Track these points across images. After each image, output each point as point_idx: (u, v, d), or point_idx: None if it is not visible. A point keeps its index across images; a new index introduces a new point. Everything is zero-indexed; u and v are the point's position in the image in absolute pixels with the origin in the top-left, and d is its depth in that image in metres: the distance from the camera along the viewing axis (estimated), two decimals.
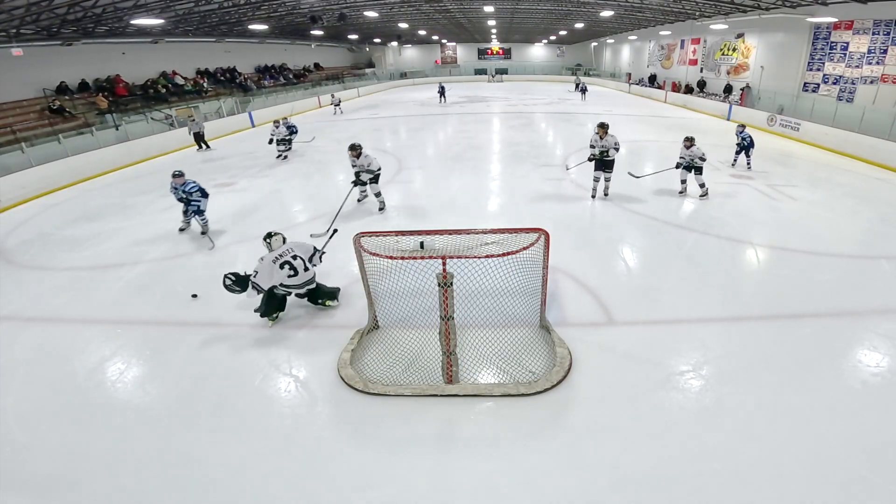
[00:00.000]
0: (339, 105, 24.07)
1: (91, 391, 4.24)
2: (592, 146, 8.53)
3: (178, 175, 7.52)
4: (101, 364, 4.60)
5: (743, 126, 11.26)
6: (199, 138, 15.28)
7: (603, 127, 8.37)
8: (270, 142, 13.25)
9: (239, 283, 5.00)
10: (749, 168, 11.26)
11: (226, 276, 5.04)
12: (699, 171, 8.87)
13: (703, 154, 8.83)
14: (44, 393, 4.22)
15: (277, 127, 13.15)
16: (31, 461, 3.48)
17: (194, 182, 7.60)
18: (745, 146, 11.17)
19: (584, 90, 27.27)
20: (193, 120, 15.28)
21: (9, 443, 3.65)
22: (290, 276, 4.97)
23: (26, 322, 5.41)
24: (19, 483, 3.32)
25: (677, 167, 9.15)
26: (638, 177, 9.82)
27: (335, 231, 6.29)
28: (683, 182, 9.25)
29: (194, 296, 5.72)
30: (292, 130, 13.82)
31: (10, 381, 4.39)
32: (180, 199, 7.61)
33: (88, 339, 5.04)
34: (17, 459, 3.50)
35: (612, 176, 8.81)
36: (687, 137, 9.05)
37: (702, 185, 9.00)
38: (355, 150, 8.26)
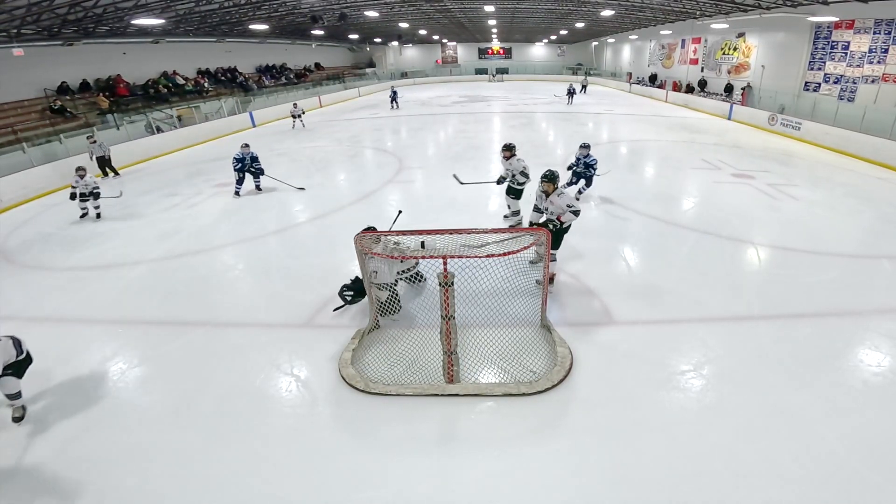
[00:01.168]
0: (300, 117, 18.93)
1: (92, 391, 4.24)
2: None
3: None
4: (102, 364, 4.60)
5: (587, 146, 8.28)
6: (105, 163, 12.14)
7: (508, 148, 6.86)
8: (73, 197, 8.65)
9: (361, 292, 4.98)
10: (578, 198, 8.44)
11: (343, 295, 5.04)
12: (517, 194, 7.06)
13: (525, 169, 6.76)
14: (45, 393, 4.22)
15: (82, 177, 8.62)
16: (33, 461, 3.49)
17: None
18: (586, 174, 8.31)
19: (571, 93, 24.89)
20: (94, 141, 11.95)
21: (11, 443, 3.66)
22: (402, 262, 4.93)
23: (28, 322, 5.41)
24: (21, 483, 3.33)
25: (499, 183, 7.38)
26: (462, 182, 8.06)
27: (399, 212, 6.45)
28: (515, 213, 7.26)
29: None
30: (253, 165, 9.89)
31: None
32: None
33: (90, 339, 5.04)
34: (19, 459, 3.51)
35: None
36: (505, 146, 6.91)
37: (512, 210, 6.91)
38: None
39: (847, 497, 3.04)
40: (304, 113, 19.43)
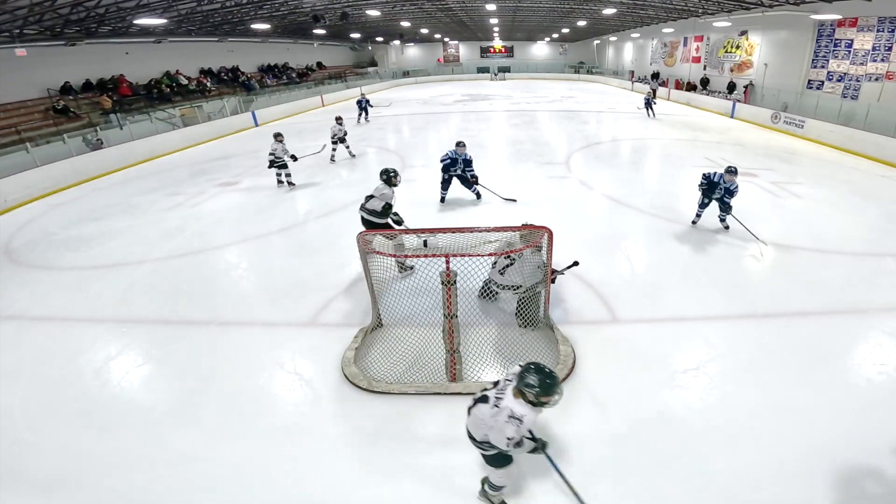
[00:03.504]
0: (343, 141, 12.63)
1: (97, 390, 4.27)
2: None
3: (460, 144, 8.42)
4: (106, 363, 4.62)
5: (734, 172, 6.86)
6: None
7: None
8: None
9: None
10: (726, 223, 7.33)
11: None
12: None
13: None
14: (50, 392, 4.25)
15: None
16: (37, 460, 3.51)
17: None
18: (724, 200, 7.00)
19: (650, 103, 18.95)
20: None
21: (16, 442, 3.68)
22: None
23: (32, 321, 5.44)
24: (26, 482, 3.35)
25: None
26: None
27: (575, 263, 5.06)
28: None
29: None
30: (465, 170, 8.56)
31: (16, 380, 4.42)
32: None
33: (94, 338, 5.06)
34: (24, 458, 3.53)
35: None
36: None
37: None
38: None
39: (850, 496, 3.04)
40: (346, 134, 12.74)
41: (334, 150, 12.69)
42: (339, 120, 12.81)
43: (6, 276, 6.62)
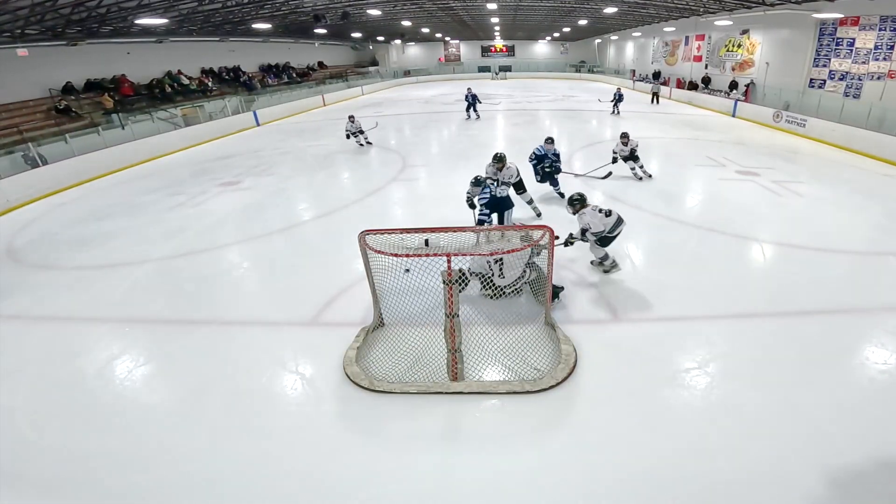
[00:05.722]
0: (357, 132, 14.05)
1: (99, 390, 4.28)
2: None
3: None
4: (108, 363, 4.63)
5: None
6: None
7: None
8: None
9: None
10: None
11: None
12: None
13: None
14: (52, 392, 4.25)
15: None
16: (40, 460, 3.52)
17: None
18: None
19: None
20: None
21: (18, 441, 3.69)
22: None
23: (34, 321, 5.45)
24: (29, 482, 3.35)
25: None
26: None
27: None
28: None
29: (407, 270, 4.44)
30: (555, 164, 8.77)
31: (18, 380, 4.44)
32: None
33: (96, 337, 5.08)
34: (26, 458, 3.54)
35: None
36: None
37: None
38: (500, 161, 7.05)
39: (852, 495, 3.03)
40: (361, 130, 14.26)
41: (358, 140, 14.44)
42: (351, 118, 14.29)
43: (8, 276, 6.64)
